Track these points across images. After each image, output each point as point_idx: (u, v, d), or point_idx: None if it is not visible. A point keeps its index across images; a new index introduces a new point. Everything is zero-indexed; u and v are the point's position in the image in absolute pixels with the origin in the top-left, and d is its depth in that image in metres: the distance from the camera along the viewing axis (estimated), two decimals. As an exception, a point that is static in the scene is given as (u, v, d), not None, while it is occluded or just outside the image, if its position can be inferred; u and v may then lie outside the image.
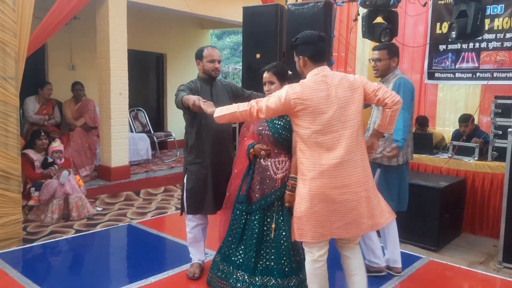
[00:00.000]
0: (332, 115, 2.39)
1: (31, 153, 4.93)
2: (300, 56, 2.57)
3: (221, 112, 2.55)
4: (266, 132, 2.89)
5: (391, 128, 2.58)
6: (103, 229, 4.56)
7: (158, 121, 9.04)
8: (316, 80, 2.47)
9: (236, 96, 3.38)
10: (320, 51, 2.57)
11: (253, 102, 2.48)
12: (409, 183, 4.20)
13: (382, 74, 3.39)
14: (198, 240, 3.35)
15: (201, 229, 3.34)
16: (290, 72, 2.94)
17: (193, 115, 3.14)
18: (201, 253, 3.39)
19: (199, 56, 3.27)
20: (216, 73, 3.26)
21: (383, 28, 4.47)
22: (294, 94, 2.40)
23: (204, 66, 3.23)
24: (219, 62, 3.26)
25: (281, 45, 5.14)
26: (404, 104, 2.84)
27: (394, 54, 3.42)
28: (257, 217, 2.87)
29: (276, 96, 2.44)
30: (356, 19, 5.45)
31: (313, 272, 2.56)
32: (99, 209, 5.31)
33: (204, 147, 3.19)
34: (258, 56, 5.18)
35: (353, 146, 2.41)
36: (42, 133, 5.06)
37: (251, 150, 2.92)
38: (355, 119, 2.43)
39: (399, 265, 3.37)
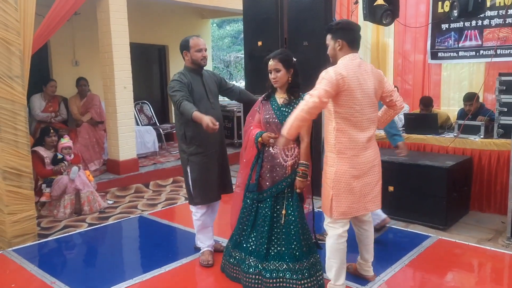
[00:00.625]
0: (367, 98, 2.63)
1: (41, 150, 5.00)
2: (339, 40, 2.70)
3: (289, 128, 2.54)
4: (273, 120, 2.91)
5: (383, 126, 3.09)
6: (115, 221, 4.64)
7: (163, 113, 9.09)
8: (354, 64, 2.65)
9: (220, 86, 3.48)
10: (358, 39, 2.77)
11: (308, 97, 2.51)
12: (416, 163, 4.27)
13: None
14: (207, 226, 3.43)
15: (209, 215, 3.43)
16: (295, 59, 2.95)
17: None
18: (210, 238, 3.46)
19: (185, 47, 3.30)
20: (205, 62, 3.31)
21: (384, 9, 4.46)
22: (340, 74, 2.55)
23: (193, 56, 3.27)
24: (205, 50, 3.31)
25: (283, 32, 5.14)
26: None
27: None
28: (267, 204, 2.92)
29: (326, 79, 2.54)
30: (357, 2, 5.43)
31: (336, 247, 2.73)
32: (110, 202, 5.39)
33: (204, 137, 3.23)
34: (259, 43, 5.18)
35: (375, 129, 2.75)
36: (52, 131, 5.12)
37: (260, 139, 2.95)
38: (377, 106, 2.75)
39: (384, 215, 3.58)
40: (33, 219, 4.05)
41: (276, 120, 2.90)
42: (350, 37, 2.71)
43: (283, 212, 2.87)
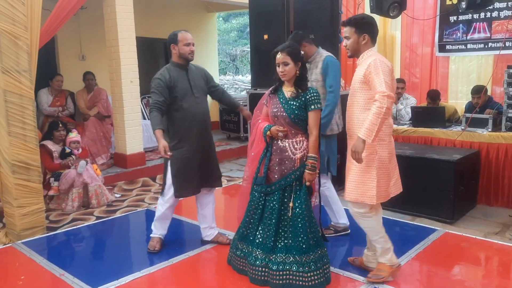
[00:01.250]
0: None
1: (49, 144, 5.04)
2: (365, 34, 2.79)
3: (371, 134, 2.59)
4: (281, 113, 2.91)
5: None
6: (123, 214, 4.68)
7: (169, 107, 9.09)
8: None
9: (207, 82, 3.51)
10: (377, 34, 2.92)
11: (379, 96, 2.57)
12: (423, 157, 4.25)
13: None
14: (167, 218, 3.59)
15: (173, 209, 3.58)
16: (302, 52, 2.94)
17: (176, 101, 3.28)
18: (164, 228, 3.62)
19: (173, 40, 3.34)
20: (192, 56, 3.34)
21: (391, 2, 4.43)
22: (390, 65, 2.73)
23: (181, 50, 3.31)
24: (193, 45, 3.35)
25: (289, 25, 5.11)
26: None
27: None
28: (275, 197, 2.92)
29: (385, 72, 2.65)
30: (363, -6, 5.39)
31: (380, 223, 2.91)
32: (118, 195, 5.43)
33: (186, 132, 3.29)
34: (266, 37, 5.16)
35: None
36: (60, 125, 5.15)
37: (268, 132, 2.95)
38: None
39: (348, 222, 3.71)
40: (42, 212, 4.09)
41: (284, 114, 2.89)
42: (374, 32, 2.84)
43: (291, 205, 2.88)
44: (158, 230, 3.60)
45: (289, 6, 5.06)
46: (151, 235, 3.62)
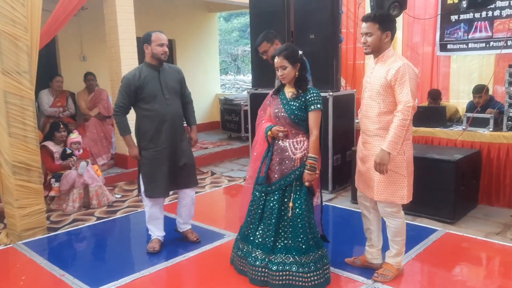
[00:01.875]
0: None
1: (50, 145, 5.04)
2: (389, 32, 2.76)
3: (396, 147, 2.65)
4: (282, 114, 2.91)
5: None
6: (123, 215, 4.68)
7: (170, 107, 9.09)
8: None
9: (181, 84, 3.53)
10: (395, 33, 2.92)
11: (403, 108, 2.61)
12: (424, 156, 4.24)
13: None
14: (156, 218, 3.61)
15: (159, 208, 3.60)
16: (300, 52, 2.93)
17: (145, 102, 3.32)
18: (159, 229, 3.64)
19: (147, 40, 3.36)
20: (165, 57, 3.36)
21: (392, 1, 4.41)
22: (416, 69, 2.74)
23: (153, 50, 3.33)
24: (167, 46, 3.37)
25: (289, 25, 5.12)
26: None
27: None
28: (276, 197, 2.93)
29: (412, 80, 2.65)
30: (364, -6, 5.38)
31: (405, 223, 2.92)
32: (118, 196, 5.43)
33: (156, 132, 3.34)
34: (266, 37, 5.14)
35: None
36: (61, 126, 5.15)
37: (269, 132, 2.96)
38: None
39: None
40: (43, 213, 4.10)
41: (284, 114, 2.90)
42: (395, 31, 2.83)
43: (290, 205, 2.88)
44: (154, 232, 3.64)
45: (289, 6, 5.07)
46: (151, 237, 3.66)
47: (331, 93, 4.89)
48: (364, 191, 2.99)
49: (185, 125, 3.66)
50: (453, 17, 5.80)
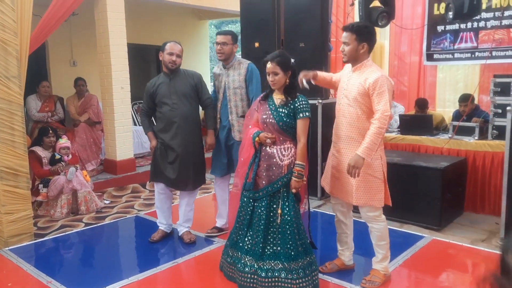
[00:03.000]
0: None
1: (39, 150, 5.01)
2: (365, 44, 2.82)
3: (371, 153, 2.74)
4: (270, 120, 2.93)
5: None
6: (112, 221, 4.66)
7: (161, 113, 9.08)
8: None
9: (196, 89, 3.69)
10: (375, 44, 2.94)
11: (380, 116, 2.69)
12: (410, 164, 4.30)
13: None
14: (161, 208, 3.89)
15: (162, 199, 3.86)
16: (293, 60, 2.97)
17: (159, 106, 3.66)
18: (165, 218, 3.92)
19: (162, 48, 3.63)
20: (173, 66, 3.57)
21: (380, 11, 4.49)
22: (392, 81, 2.83)
23: (164, 58, 3.60)
24: (177, 56, 3.57)
25: (279, 33, 5.17)
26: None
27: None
28: (263, 203, 2.94)
29: (390, 91, 2.74)
30: (353, 4, 5.47)
31: (387, 227, 2.99)
32: (107, 202, 5.40)
33: (163, 132, 3.64)
34: (257, 44, 5.21)
35: None
36: (50, 131, 5.13)
37: (257, 138, 2.98)
38: None
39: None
40: (30, 218, 4.06)
41: (273, 120, 2.92)
42: (373, 42, 2.88)
43: (279, 211, 2.89)
44: (159, 220, 3.94)
45: (279, 15, 5.12)
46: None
47: (320, 101, 4.94)
48: (341, 197, 3.04)
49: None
50: (440, 28, 5.92)
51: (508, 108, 3.75)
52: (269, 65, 2.90)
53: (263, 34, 5.14)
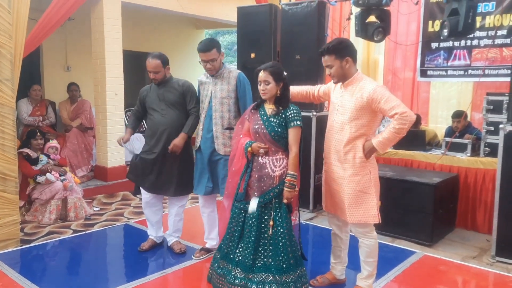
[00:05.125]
0: None
1: (28, 151, 4.97)
2: (348, 57, 2.79)
3: (385, 148, 2.78)
4: (262, 130, 2.92)
5: None
6: (101, 229, 4.59)
7: (154, 121, 9.04)
8: None
9: (183, 97, 3.66)
10: (357, 52, 2.94)
11: (396, 114, 2.63)
12: (403, 179, 4.30)
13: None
14: (148, 218, 3.86)
15: (150, 211, 3.81)
16: (285, 73, 2.97)
17: (149, 112, 3.72)
18: (154, 230, 3.88)
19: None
20: (155, 81, 3.63)
21: (376, 27, 4.53)
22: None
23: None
24: (154, 73, 3.58)
25: (276, 45, 5.19)
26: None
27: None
28: (255, 214, 2.90)
29: (390, 96, 2.69)
30: (349, 18, 5.51)
31: (377, 243, 2.94)
32: (96, 209, 5.33)
33: (150, 137, 3.65)
34: (252, 55, 5.22)
35: None
36: (38, 133, 5.10)
37: (249, 148, 2.96)
38: None
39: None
40: (17, 224, 3.99)
41: (264, 130, 2.90)
42: (354, 52, 2.86)
43: (271, 223, 2.86)
44: (149, 232, 3.92)
45: (276, 26, 5.15)
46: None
47: (314, 113, 4.95)
48: (336, 213, 3.02)
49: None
50: (434, 45, 5.99)
51: (500, 126, 3.77)
52: (261, 74, 2.90)
53: (259, 45, 5.16)
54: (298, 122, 2.87)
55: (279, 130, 2.88)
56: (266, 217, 2.90)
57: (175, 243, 3.80)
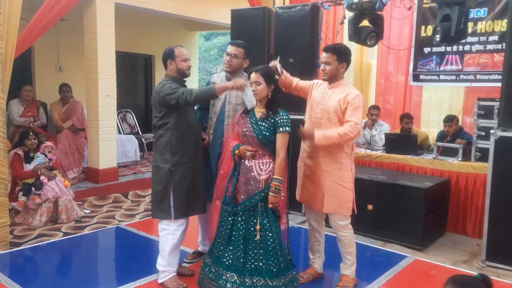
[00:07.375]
0: None
1: (20, 151, 4.93)
2: (345, 63, 3.06)
3: (326, 142, 2.95)
4: (250, 133, 2.93)
5: None
6: (92, 231, 4.55)
7: (146, 122, 9.02)
8: None
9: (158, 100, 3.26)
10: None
11: (354, 125, 2.88)
12: (395, 183, 4.32)
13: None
14: (178, 246, 3.21)
15: (185, 232, 3.24)
16: (277, 77, 2.98)
17: (181, 114, 3.09)
18: (178, 260, 3.24)
19: (170, 56, 3.20)
20: (189, 72, 3.26)
21: (369, 31, 4.54)
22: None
23: (178, 65, 3.17)
24: (190, 60, 3.30)
25: (269, 47, 5.18)
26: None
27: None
28: (243, 218, 2.90)
29: (360, 108, 2.95)
30: (342, 22, 5.52)
31: (353, 234, 3.16)
32: (87, 211, 5.29)
33: (189, 145, 3.13)
34: (246, 58, 5.20)
35: None
36: (31, 134, 5.06)
37: (236, 151, 2.96)
38: None
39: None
40: (6, 226, 3.94)
41: (253, 134, 2.91)
42: (349, 63, 3.13)
43: (258, 227, 2.85)
44: (173, 266, 3.18)
45: (270, 30, 5.15)
46: (165, 276, 3.17)
47: (307, 117, 4.96)
48: (311, 204, 3.22)
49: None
50: (426, 49, 6.03)
51: (491, 131, 3.80)
52: (253, 75, 2.92)
53: (253, 48, 5.06)
54: (287, 128, 2.88)
55: (267, 134, 2.88)
56: (255, 221, 2.89)
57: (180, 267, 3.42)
